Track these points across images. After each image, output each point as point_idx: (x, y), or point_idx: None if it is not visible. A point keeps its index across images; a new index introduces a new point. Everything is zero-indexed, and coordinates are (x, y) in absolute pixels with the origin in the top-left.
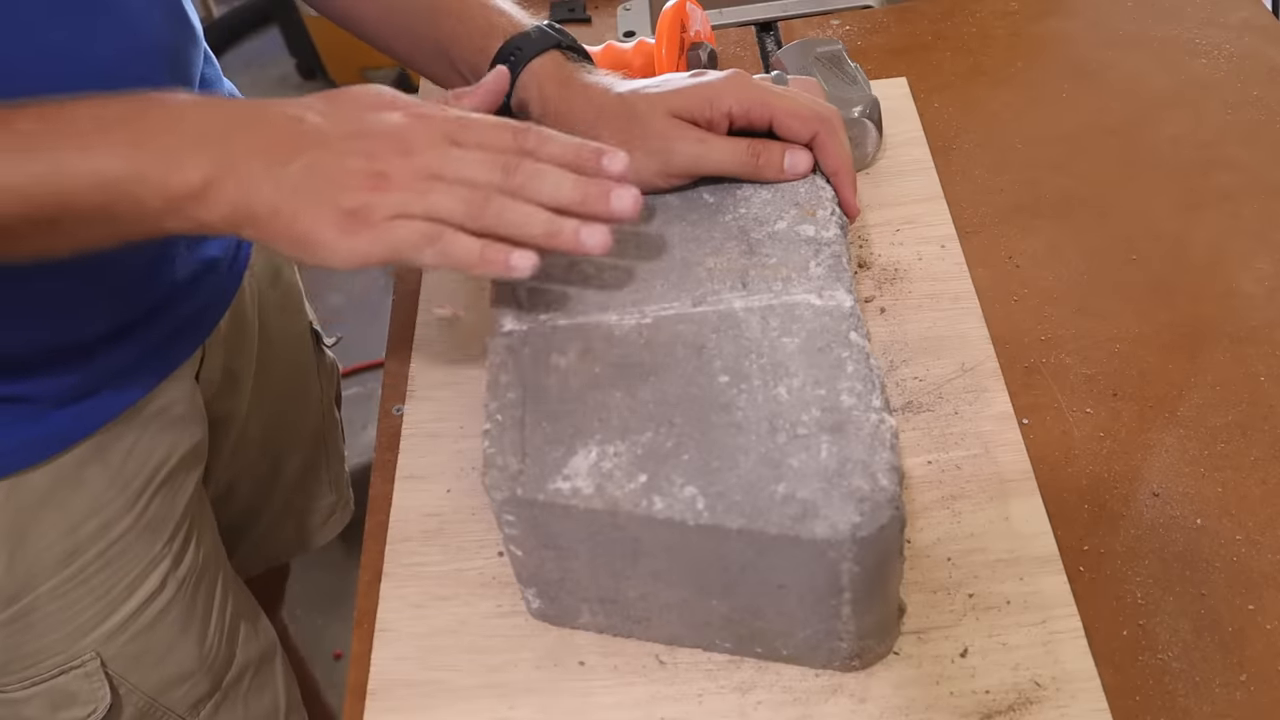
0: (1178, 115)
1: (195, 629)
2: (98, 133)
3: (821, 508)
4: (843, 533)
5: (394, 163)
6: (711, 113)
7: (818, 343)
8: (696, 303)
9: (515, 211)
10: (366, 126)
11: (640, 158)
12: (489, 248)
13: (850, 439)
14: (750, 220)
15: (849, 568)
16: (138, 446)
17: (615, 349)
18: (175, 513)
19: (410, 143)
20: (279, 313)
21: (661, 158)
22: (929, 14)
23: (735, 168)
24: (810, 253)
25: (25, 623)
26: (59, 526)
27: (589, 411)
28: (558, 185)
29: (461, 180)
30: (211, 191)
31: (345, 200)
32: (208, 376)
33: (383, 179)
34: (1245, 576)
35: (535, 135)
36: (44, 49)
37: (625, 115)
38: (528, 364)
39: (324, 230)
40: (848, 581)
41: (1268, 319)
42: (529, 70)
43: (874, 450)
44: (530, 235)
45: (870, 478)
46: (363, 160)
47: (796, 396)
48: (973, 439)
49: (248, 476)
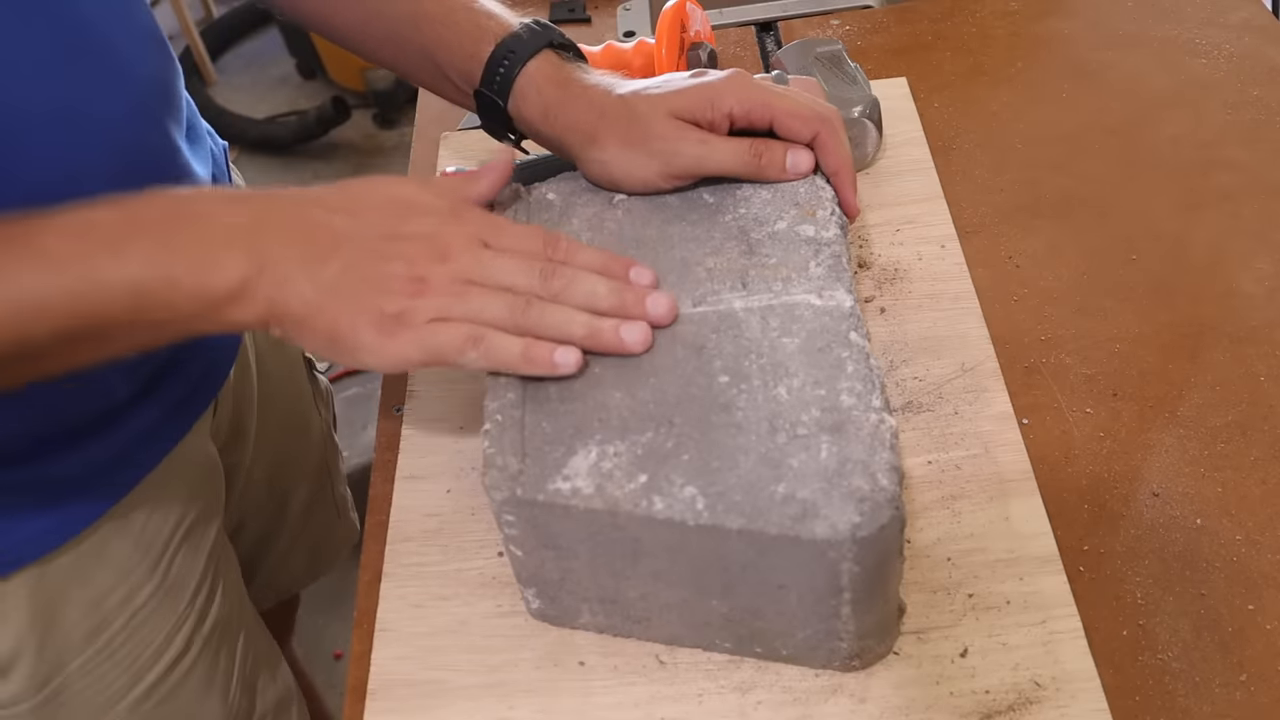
0: (1178, 115)
1: (218, 686)
2: (126, 239)
3: (821, 508)
4: (843, 533)
5: (432, 268)
6: (713, 113)
7: (818, 343)
8: (696, 303)
9: (556, 314)
10: (399, 229)
11: (642, 159)
12: (532, 346)
13: (850, 439)
14: (750, 220)
15: (849, 568)
16: (158, 509)
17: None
18: (197, 568)
19: (446, 247)
20: (274, 347)
21: (663, 159)
22: (929, 14)
23: (738, 168)
24: (810, 253)
25: (56, 703)
26: (85, 602)
27: (589, 411)
28: (593, 291)
29: (500, 285)
30: (248, 291)
31: (387, 304)
32: (219, 425)
33: (422, 283)
34: (1245, 576)
35: (565, 244)
36: (43, 100)
37: (627, 117)
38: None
39: (364, 332)
40: (848, 581)
41: (1268, 319)
42: (525, 75)
43: (874, 450)
44: (571, 335)
45: (870, 478)
46: (401, 265)
47: (796, 396)
48: (973, 439)
49: (256, 515)
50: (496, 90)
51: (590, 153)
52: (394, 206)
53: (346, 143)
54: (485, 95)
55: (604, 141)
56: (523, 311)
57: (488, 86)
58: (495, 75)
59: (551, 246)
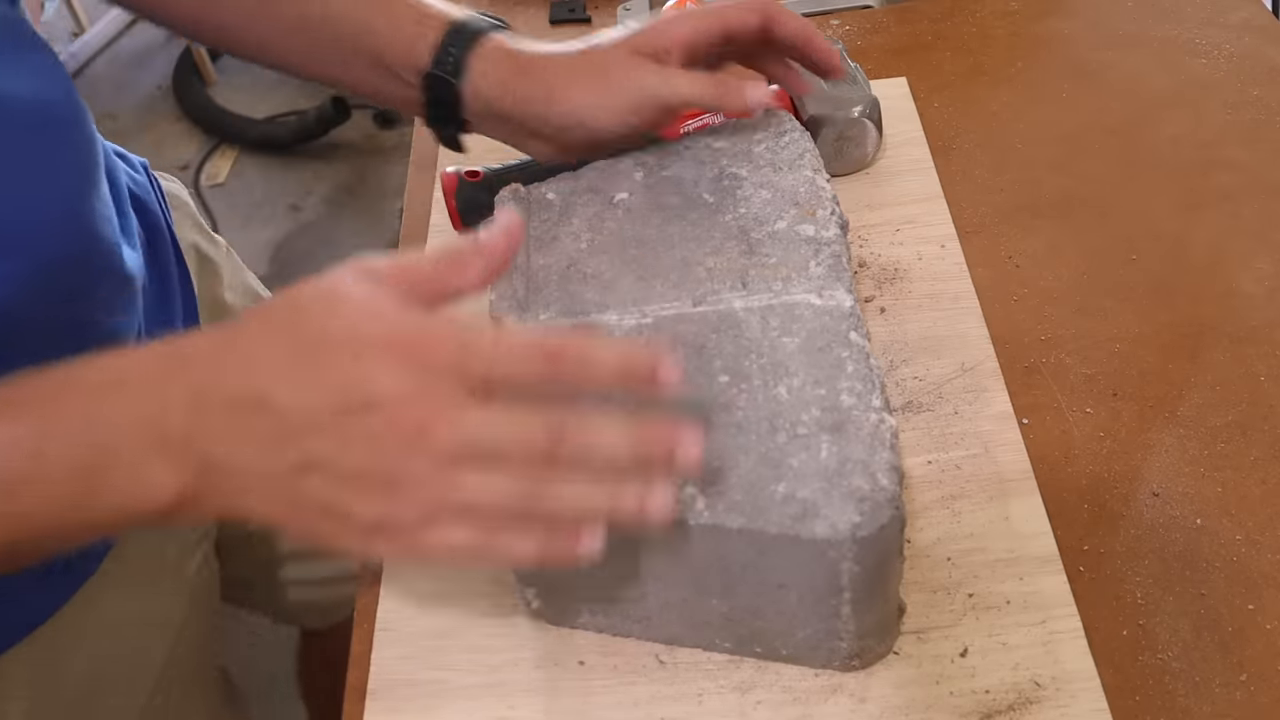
0: (1178, 115)
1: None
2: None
3: (822, 507)
4: (843, 532)
5: (406, 458)
6: (667, 40)
7: (818, 342)
8: (697, 302)
9: (568, 494)
10: (355, 396)
11: (609, 99)
12: (549, 545)
13: (850, 439)
14: (750, 220)
15: (849, 567)
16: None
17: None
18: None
19: (420, 421)
20: None
21: (627, 94)
22: (929, 14)
23: (700, 95)
24: (810, 252)
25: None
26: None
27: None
28: (614, 449)
29: (496, 456)
30: (188, 506)
31: (360, 512)
32: None
33: (395, 483)
34: (1245, 576)
35: (575, 356)
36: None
37: (586, 65)
38: None
39: (346, 544)
40: (848, 581)
41: (1268, 319)
42: (477, 52)
43: (874, 450)
44: (590, 513)
45: (870, 477)
46: (365, 454)
47: (796, 396)
48: (972, 439)
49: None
50: (450, 70)
51: (556, 108)
52: (343, 355)
53: (346, 143)
54: (437, 77)
55: (568, 93)
56: (531, 495)
57: (440, 68)
58: (447, 56)
59: (557, 361)
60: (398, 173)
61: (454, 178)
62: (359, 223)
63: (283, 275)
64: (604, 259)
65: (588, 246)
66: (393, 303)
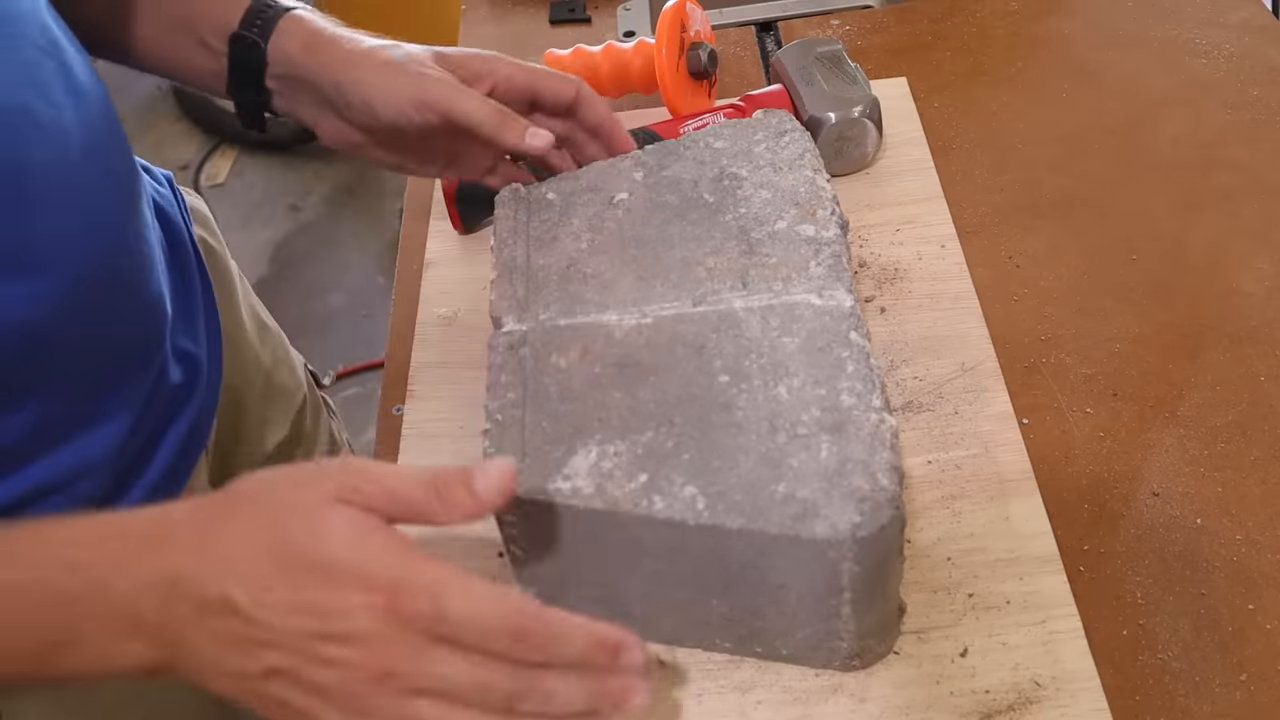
0: (1178, 115)
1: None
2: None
3: (822, 507)
4: (843, 532)
5: (368, 689)
6: (481, 70)
7: (818, 342)
8: (696, 302)
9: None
10: (326, 626)
11: (401, 81)
12: None
13: (850, 439)
14: (750, 220)
15: (849, 567)
16: None
17: (615, 349)
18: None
19: (387, 663)
20: (261, 398)
21: (420, 87)
22: (929, 14)
23: (481, 120)
24: (810, 252)
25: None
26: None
27: (589, 411)
28: (569, 704)
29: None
30: (162, 673)
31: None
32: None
33: (358, 704)
34: (1245, 576)
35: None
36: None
37: (392, 50)
38: (528, 364)
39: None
40: (848, 581)
41: (1268, 319)
42: (288, 17)
43: (874, 450)
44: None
45: (870, 477)
46: (329, 677)
47: (796, 396)
48: (973, 439)
49: None
50: (258, 31)
51: (348, 75)
52: (321, 583)
53: None
54: (245, 38)
55: (364, 67)
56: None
57: (247, 29)
58: (256, 20)
59: (522, 640)
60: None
61: (454, 178)
62: (359, 223)
63: (283, 275)
64: (604, 259)
65: (588, 246)
66: (376, 540)
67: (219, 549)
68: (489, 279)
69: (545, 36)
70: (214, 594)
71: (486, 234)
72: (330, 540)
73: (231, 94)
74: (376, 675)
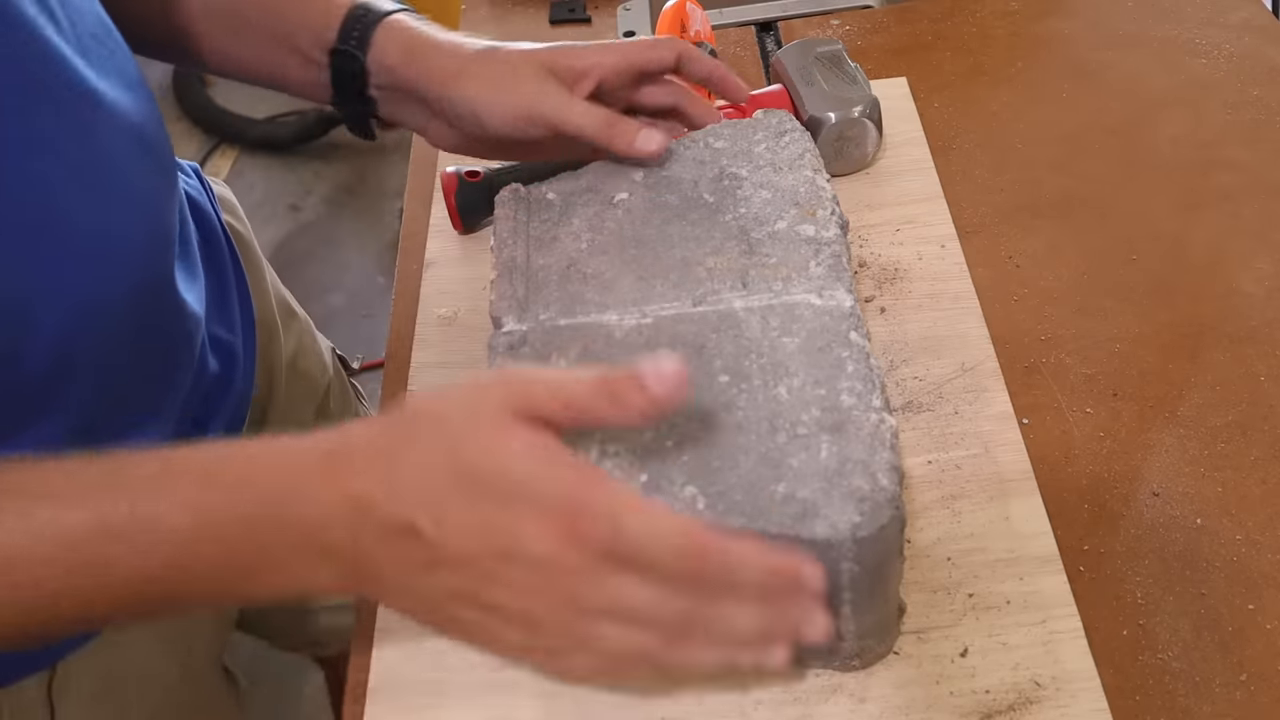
0: (1178, 115)
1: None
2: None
3: (822, 507)
4: (843, 532)
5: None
6: (583, 67)
7: (818, 342)
8: (697, 302)
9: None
10: (505, 546)
11: (508, 98)
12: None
13: (850, 439)
14: (750, 220)
15: (849, 567)
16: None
17: (615, 350)
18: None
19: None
20: (291, 383)
21: (524, 103)
22: (929, 14)
23: (591, 131)
24: (810, 252)
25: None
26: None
27: None
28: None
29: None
30: (346, 593)
31: (504, 636)
32: None
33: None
34: (1245, 576)
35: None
36: (69, 227)
37: (495, 59)
38: (528, 365)
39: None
40: (848, 581)
41: (1268, 319)
42: (384, 26)
43: (874, 450)
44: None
45: (870, 477)
46: (509, 596)
47: (797, 396)
48: (973, 439)
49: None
50: (356, 43)
51: (454, 90)
52: (499, 505)
53: (346, 143)
54: (343, 51)
55: (469, 80)
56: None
57: (344, 42)
58: (353, 31)
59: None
60: (398, 173)
61: (454, 178)
62: (359, 223)
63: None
64: (604, 259)
65: (588, 246)
66: (554, 460)
67: (400, 472)
68: (489, 279)
69: (545, 36)
70: (397, 520)
71: (486, 234)
72: (508, 460)
73: (336, 105)
74: (556, 598)
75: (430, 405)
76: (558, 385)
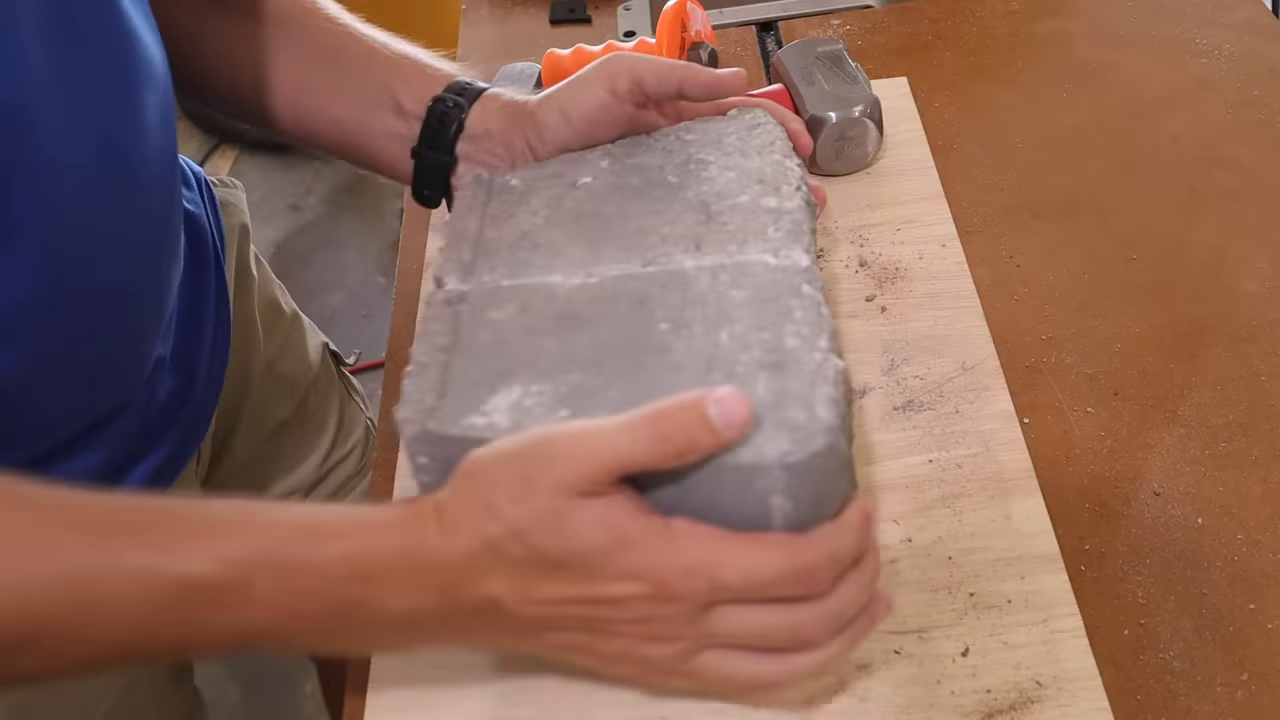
0: (1178, 115)
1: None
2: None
3: (751, 436)
4: (769, 458)
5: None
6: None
7: (767, 294)
8: (646, 264)
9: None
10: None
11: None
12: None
13: (790, 376)
14: (712, 195)
15: (780, 503)
16: None
17: (555, 304)
18: None
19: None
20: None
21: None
22: (929, 14)
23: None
24: (770, 219)
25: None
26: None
27: (519, 357)
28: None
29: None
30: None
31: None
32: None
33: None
34: (1246, 576)
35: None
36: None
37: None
38: (464, 317)
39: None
40: (780, 520)
41: (1268, 319)
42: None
43: (814, 385)
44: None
45: (807, 409)
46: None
47: (738, 340)
48: (974, 438)
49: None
50: (458, 98)
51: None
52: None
53: None
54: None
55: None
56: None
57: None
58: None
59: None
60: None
61: None
62: (359, 223)
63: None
64: (558, 231)
65: (543, 221)
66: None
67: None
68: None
69: (545, 36)
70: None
71: None
72: (578, 540)
73: (415, 154)
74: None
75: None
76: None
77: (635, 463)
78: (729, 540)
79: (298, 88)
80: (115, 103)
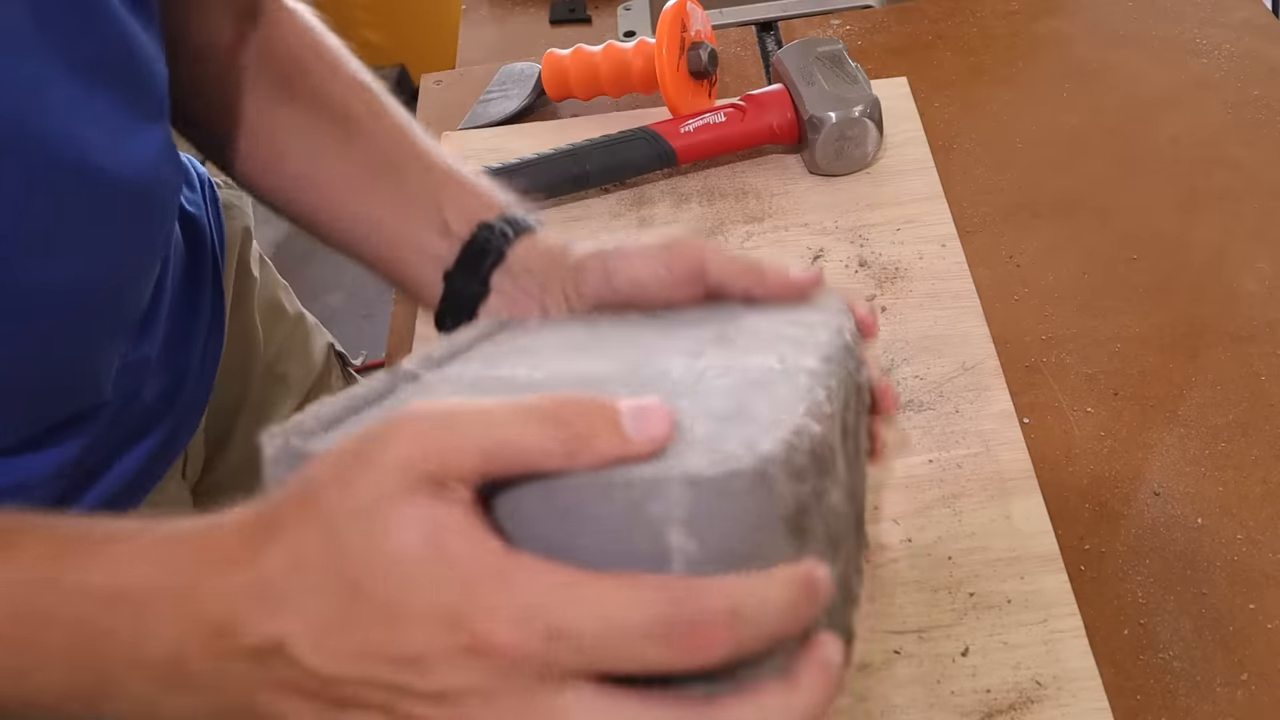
0: (1178, 115)
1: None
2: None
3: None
4: (671, 472)
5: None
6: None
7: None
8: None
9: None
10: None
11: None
12: None
13: (743, 424)
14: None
15: (680, 541)
16: None
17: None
18: None
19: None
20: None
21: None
22: (929, 14)
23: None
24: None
25: None
26: None
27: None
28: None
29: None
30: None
31: None
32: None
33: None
34: (1246, 576)
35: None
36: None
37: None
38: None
39: None
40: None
41: (1268, 319)
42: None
43: (767, 431)
44: None
45: (748, 444)
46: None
47: (699, 406)
48: (974, 438)
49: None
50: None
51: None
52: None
53: None
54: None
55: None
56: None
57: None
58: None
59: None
60: None
61: None
62: None
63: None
64: (548, 339)
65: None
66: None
67: (266, 578)
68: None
69: (545, 36)
70: (264, 638)
71: None
72: (391, 554)
73: (448, 277)
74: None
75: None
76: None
77: (509, 449)
78: (583, 576)
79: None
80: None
